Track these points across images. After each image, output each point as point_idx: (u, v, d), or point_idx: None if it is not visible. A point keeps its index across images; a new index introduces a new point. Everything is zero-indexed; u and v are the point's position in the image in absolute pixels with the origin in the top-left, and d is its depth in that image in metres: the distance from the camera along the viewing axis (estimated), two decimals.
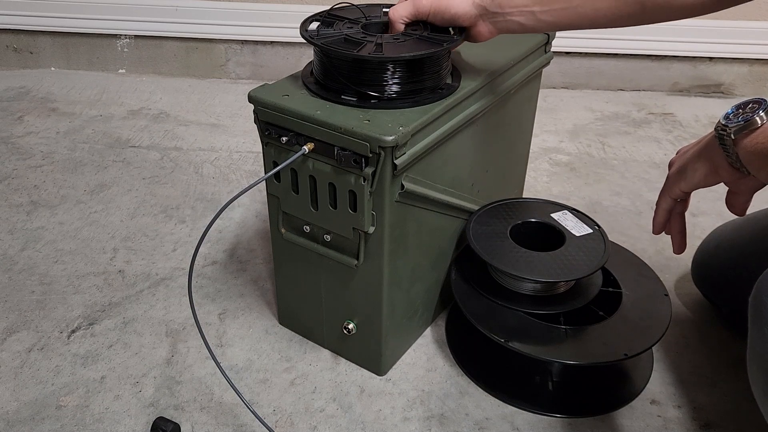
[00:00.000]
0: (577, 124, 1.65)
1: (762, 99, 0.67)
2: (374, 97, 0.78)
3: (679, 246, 0.82)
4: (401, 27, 0.81)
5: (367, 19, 0.85)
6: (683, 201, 0.80)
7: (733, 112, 0.68)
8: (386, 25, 0.85)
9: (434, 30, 0.81)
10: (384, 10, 0.87)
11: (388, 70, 0.78)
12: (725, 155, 0.69)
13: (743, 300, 0.93)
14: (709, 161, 0.72)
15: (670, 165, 0.80)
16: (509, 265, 0.87)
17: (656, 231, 0.82)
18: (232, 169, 1.42)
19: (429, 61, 0.79)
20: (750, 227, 0.97)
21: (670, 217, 0.81)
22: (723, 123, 0.68)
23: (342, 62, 0.79)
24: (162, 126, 1.60)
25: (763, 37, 1.73)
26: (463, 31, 0.81)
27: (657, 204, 0.81)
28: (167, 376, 0.92)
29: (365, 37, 0.79)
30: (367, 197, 0.76)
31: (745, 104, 0.68)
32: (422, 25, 0.82)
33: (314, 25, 0.83)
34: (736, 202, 0.75)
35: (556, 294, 0.90)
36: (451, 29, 0.82)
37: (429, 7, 0.80)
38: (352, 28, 0.82)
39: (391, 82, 0.78)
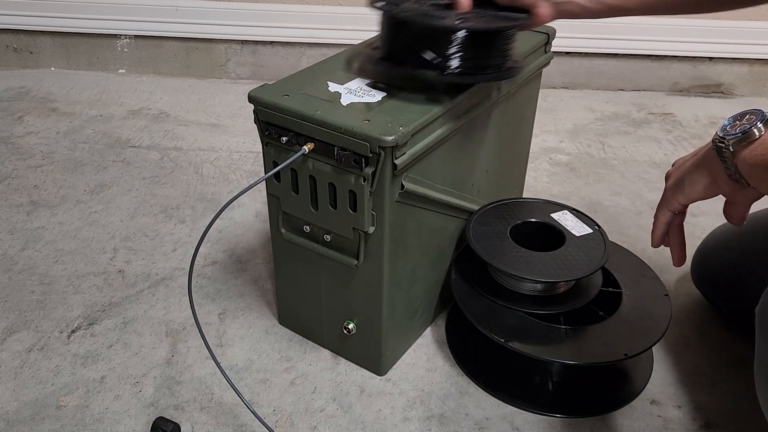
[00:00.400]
0: (577, 124, 1.65)
1: (759, 110, 0.67)
2: (455, 69, 0.78)
3: (679, 259, 0.81)
4: (467, 5, 0.82)
5: None
6: (681, 213, 0.79)
7: (730, 123, 0.67)
8: (450, 5, 0.84)
9: (498, 9, 0.83)
10: None
11: (471, 43, 0.78)
12: (724, 167, 0.69)
13: (743, 300, 0.94)
14: (708, 173, 0.71)
15: (667, 177, 0.79)
16: (509, 265, 0.87)
17: (655, 244, 0.81)
18: (232, 169, 1.42)
19: (504, 37, 0.81)
20: (750, 227, 0.97)
21: (669, 230, 0.80)
22: (720, 135, 0.67)
23: (424, 36, 0.78)
24: (162, 126, 1.60)
25: (763, 37, 1.73)
26: (526, 11, 0.83)
27: (655, 217, 0.80)
28: (167, 376, 0.92)
29: (441, 13, 0.80)
30: (367, 197, 0.76)
31: (742, 115, 0.67)
32: (488, 4, 0.83)
33: (380, 4, 0.83)
34: (734, 212, 0.74)
35: (556, 294, 0.90)
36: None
37: None
38: (421, 5, 0.82)
39: (470, 55, 0.78)
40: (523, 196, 1.19)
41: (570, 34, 1.68)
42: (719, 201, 0.78)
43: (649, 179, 1.40)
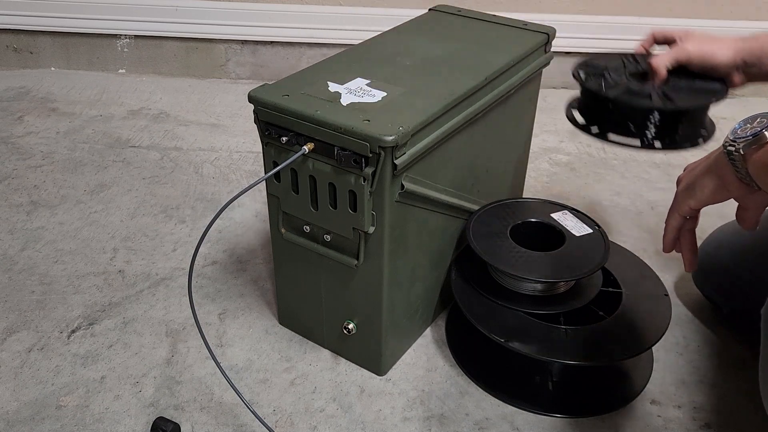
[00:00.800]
0: None
1: None
2: (655, 139, 0.88)
3: (690, 264, 0.81)
4: (664, 73, 0.90)
5: (627, 68, 0.96)
6: (693, 218, 0.78)
7: (740, 126, 0.67)
8: (645, 74, 0.94)
9: (694, 77, 0.91)
10: (629, 57, 0.99)
11: (677, 118, 0.88)
12: (734, 171, 0.68)
13: (744, 300, 0.94)
14: (718, 177, 0.71)
15: (678, 182, 0.78)
16: (509, 265, 0.87)
17: (667, 249, 0.81)
18: (232, 169, 1.42)
19: (702, 109, 0.91)
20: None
21: (680, 235, 0.79)
22: (731, 138, 0.67)
23: (633, 111, 0.88)
24: (162, 126, 1.60)
25: None
26: (725, 81, 0.90)
27: (666, 222, 0.79)
28: (167, 376, 0.92)
29: (643, 88, 0.90)
30: (367, 197, 0.76)
31: (753, 118, 0.67)
32: (682, 72, 0.92)
33: (582, 74, 0.95)
34: (747, 216, 0.73)
35: (556, 294, 0.90)
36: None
37: (694, 52, 0.89)
38: (619, 76, 0.93)
39: (671, 129, 0.88)
40: (523, 196, 1.19)
41: (570, 34, 1.69)
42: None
43: (649, 179, 1.40)
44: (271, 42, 1.83)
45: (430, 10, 1.12)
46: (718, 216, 1.26)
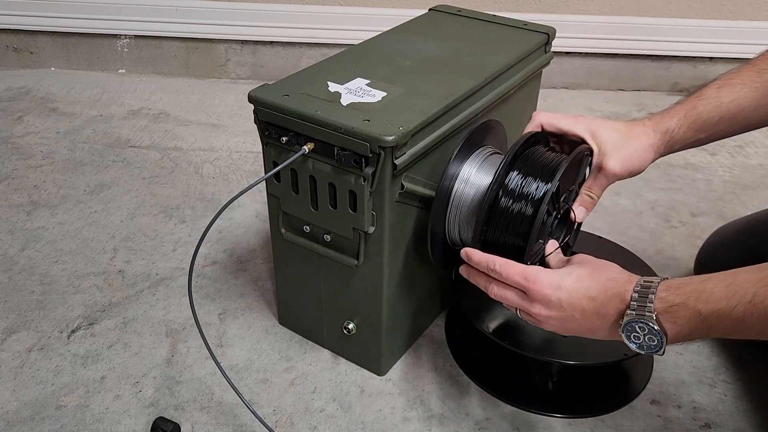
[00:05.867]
0: None
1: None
2: None
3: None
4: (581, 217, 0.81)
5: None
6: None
7: (635, 345, 0.64)
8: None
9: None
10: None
11: None
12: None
13: None
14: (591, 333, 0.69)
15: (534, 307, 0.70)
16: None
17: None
18: (232, 169, 1.42)
19: None
20: (755, 226, 0.96)
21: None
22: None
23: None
24: (162, 126, 1.60)
25: (763, 37, 1.73)
26: None
27: (497, 296, 0.74)
28: (167, 376, 0.92)
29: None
30: (367, 197, 0.76)
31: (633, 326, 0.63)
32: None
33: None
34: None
35: None
36: None
37: (621, 173, 0.79)
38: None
39: None
40: None
41: (570, 34, 1.69)
42: (719, 201, 0.78)
43: (649, 179, 1.40)
44: (271, 42, 1.83)
45: (430, 10, 1.12)
46: (718, 216, 1.27)
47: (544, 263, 0.75)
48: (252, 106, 0.80)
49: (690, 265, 1.09)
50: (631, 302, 0.62)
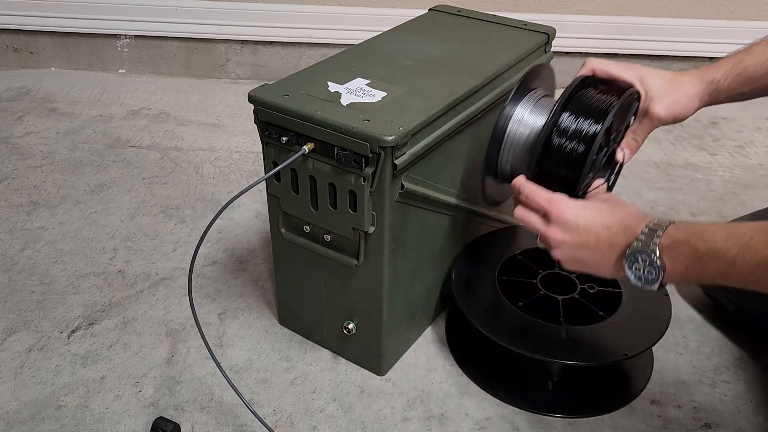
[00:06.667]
0: None
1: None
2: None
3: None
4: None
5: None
6: None
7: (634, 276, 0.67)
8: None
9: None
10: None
11: None
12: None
13: (751, 299, 0.93)
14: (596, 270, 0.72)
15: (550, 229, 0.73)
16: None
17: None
18: (232, 169, 1.42)
19: None
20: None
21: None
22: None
23: None
24: (162, 126, 1.60)
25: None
26: None
27: (527, 222, 0.77)
28: (167, 376, 0.91)
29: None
30: (367, 197, 0.76)
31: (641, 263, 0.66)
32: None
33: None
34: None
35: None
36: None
37: (666, 118, 0.83)
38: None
39: None
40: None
41: (570, 34, 1.69)
42: (719, 200, 0.78)
43: (649, 179, 1.40)
44: (271, 42, 1.83)
45: (430, 10, 1.12)
46: (718, 215, 1.27)
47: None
48: (252, 106, 0.80)
49: None
50: (640, 234, 0.66)
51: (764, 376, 0.92)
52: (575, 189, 0.76)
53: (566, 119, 0.78)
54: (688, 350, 0.97)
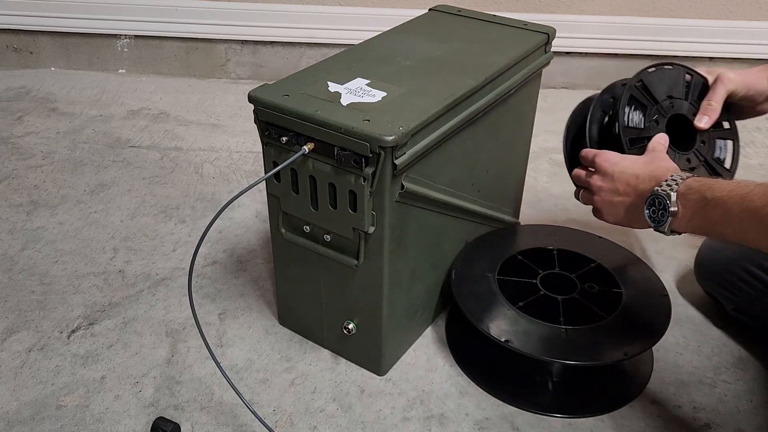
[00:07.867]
0: None
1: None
2: None
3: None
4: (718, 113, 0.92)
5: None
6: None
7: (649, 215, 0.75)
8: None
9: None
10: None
11: None
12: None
13: (751, 298, 0.93)
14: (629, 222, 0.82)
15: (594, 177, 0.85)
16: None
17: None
18: (232, 169, 1.42)
19: None
20: None
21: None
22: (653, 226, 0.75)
23: None
24: (162, 126, 1.60)
25: (763, 37, 1.73)
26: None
27: (577, 180, 0.91)
28: (167, 376, 0.92)
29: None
30: (367, 197, 0.76)
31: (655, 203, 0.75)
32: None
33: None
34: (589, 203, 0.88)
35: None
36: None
37: (740, 85, 0.90)
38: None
39: None
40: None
41: (570, 34, 1.69)
42: None
43: None
44: (271, 42, 1.83)
45: (430, 10, 1.12)
46: None
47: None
48: (252, 106, 0.80)
49: (690, 265, 1.09)
50: (663, 182, 0.74)
51: (764, 376, 0.92)
52: (620, 142, 0.86)
53: (605, 97, 0.93)
54: (688, 350, 0.97)
